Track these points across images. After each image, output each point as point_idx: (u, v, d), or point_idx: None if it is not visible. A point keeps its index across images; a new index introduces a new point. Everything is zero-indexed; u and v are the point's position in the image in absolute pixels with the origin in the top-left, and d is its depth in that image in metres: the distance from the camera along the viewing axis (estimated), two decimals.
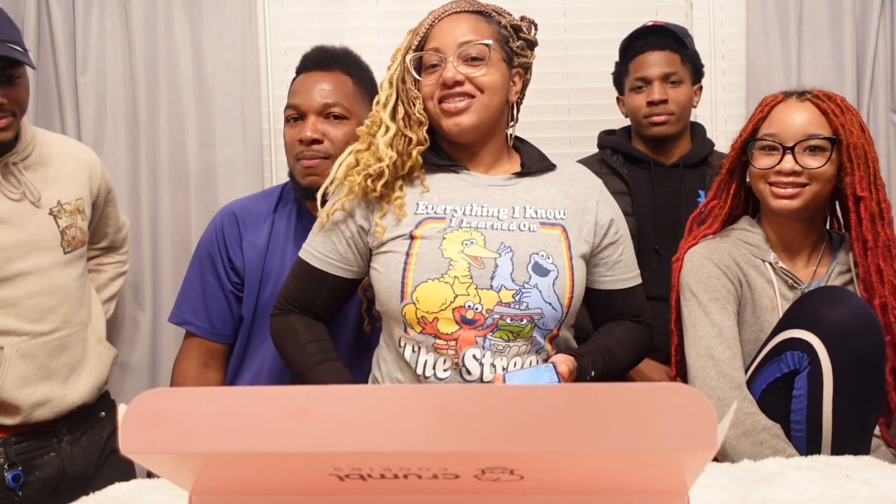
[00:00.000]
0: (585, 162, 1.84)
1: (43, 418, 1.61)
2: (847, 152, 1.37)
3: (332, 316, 1.48)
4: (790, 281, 1.44)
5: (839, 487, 0.98)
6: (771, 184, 1.41)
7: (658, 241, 1.91)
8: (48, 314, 1.60)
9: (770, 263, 1.45)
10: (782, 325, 1.33)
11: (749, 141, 1.45)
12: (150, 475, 1.11)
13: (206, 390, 0.46)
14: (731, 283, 1.43)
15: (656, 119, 1.91)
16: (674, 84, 1.93)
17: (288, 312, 1.46)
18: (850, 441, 1.24)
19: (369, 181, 1.36)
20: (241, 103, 2.19)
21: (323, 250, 1.43)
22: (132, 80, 2.16)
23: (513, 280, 1.31)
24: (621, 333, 1.45)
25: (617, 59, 2.02)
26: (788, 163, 1.38)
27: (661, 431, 0.44)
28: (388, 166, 1.35)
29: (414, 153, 1.37)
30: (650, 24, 2.00)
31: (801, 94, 1.44)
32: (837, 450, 1.23)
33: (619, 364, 1.41)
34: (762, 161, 1.42)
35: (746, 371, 1.37)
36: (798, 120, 1.40)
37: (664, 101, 1.90)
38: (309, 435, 0.45)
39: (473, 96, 1.36)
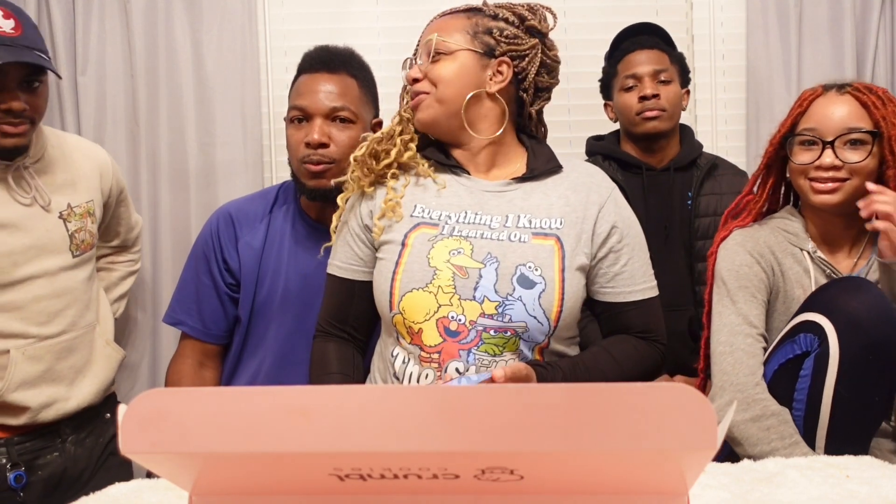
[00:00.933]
0: None
1: (48, 419, 1.61)
2: (889, 145, 1.35)
3: (369, 329, 1.46)
4: (828, 271, 1.42)
5: (839, 487, 0.98)
6: (811, 179, 1.39)
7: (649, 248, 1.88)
8: (55, 317, 1.60)
9: (808, 252, 1.43)
10: (802, 308, 1.33)
11: (788, 136, 1.43)
12: (149, 475, 1.11)
13: (206, 390, 0.46)
14: (764, 272, 1.42)
15: (649, 114, 1.90)
16: (664, 82, 1.93)
17: (326, 337, 1.44)
18: (848, 430, 1.24)
19: (357, 157, 1.40)
20: (241, 103, 2.19)
21: (344, 258, 1.43)
22: (132, 80, 2.16)
23: (496, 291, 1.29)
24: (619, 351, 1.37)
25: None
26: (828, 157, 1.36)
27: (661, 431, 0.44)
28: (373, 139, 1.40)
29: (398, 142, 1.39)
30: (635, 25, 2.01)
31: (841, 87, 1.41)
32: (833, 436, 1.23)
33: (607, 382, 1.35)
34: (801, 156, 1.40)
35: (765, 352, 1.37)
36: (838, 113, 1.38)
37: (656, 96, 1.90)
38: (309, 435, 0.45)
39: (428, 92, 1.37)
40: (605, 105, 2.07)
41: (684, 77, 2.00)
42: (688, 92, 2.01)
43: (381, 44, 2.23)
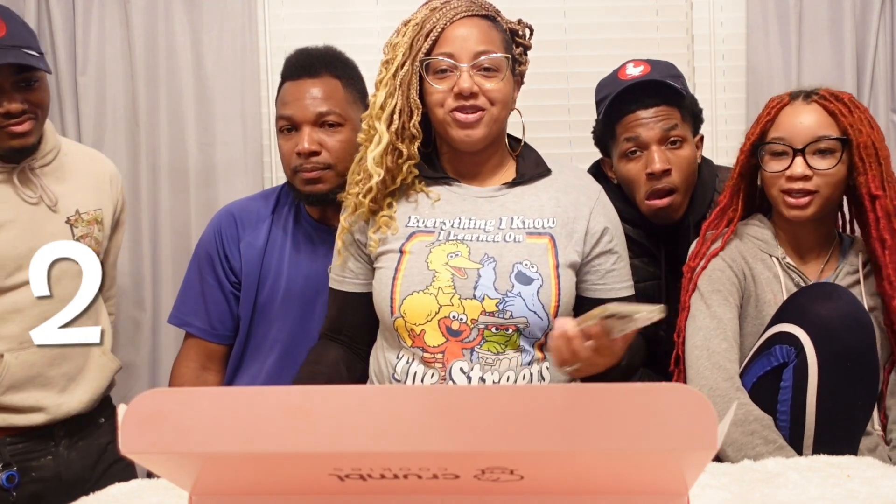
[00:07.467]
0: None
1: (38, 423, 1.59)
2: (858, 152, 1.37)
3: (367, 338, 1.47)
4: (797, 277, 1.43)
5: (839, 487, 0.98)
6: (784, 192, 1.39)
7: (670, 290, 1.62)
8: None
9: (777, 258, 1.44)
10: (775, 318, 1.34)
11: (758, 145, 1.44)
12: (150, 475, 1.11)
13: (206, 390, 0.46)
14: (735, 276, 1.43)
15: (659, 192, 1.58)
16: (675, 144, 1.58)
17: (327, 340, 1.49)
18: (835, 436, 1.24)
19: (359, 197, 1.36)
20: (241, 103, 2.19)
21: (339, 271, 1.46)
22: (132, 80, 2.16)
23: (496, 289, 1.31)
24: None
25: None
26: (799, 166, 1.37)
27: (661, 431, 0.44)
28: (376, 184, 1.34)
29: (405, 168, 1.36)
30: (632, 67, 1.66)
31: (808, 95, 1.42)
32: (820, 443, 1.24)
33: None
34: (773, 165, 1.41)
35: (741, 364, 1.38)
36: (806, 122, 1.39)
37: (667, 172, 1.57)
38: (309, 435, 0.45)
39: (485, 109, 1.34)
40: (603, 160, 1.73)
41: (697, 124, 1.67)
42: (702, 139, 1.70)
43: (381, 44, 2.22)
